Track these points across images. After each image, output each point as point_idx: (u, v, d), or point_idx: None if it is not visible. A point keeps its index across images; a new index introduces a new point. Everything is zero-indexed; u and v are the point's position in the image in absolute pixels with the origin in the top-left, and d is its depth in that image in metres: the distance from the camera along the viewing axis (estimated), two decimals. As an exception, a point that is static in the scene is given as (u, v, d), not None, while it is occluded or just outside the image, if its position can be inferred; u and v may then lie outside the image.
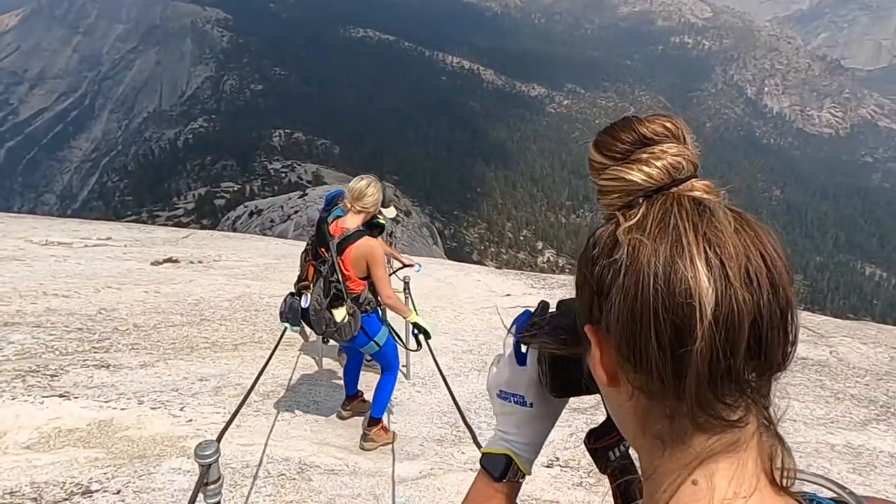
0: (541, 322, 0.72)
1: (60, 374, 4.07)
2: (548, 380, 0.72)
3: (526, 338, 0.73)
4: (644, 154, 0.55)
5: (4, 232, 11.51)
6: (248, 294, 7.79)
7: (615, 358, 0.52)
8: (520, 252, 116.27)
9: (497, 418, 0.80)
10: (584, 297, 0.56)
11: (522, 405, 0.76)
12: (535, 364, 0.74)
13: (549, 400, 0.75)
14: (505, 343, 0.77)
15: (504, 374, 0.77)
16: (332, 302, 3.47)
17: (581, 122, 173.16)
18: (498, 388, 0.78)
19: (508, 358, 0.77)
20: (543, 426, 0.78)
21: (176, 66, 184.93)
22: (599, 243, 0.54)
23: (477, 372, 5.44)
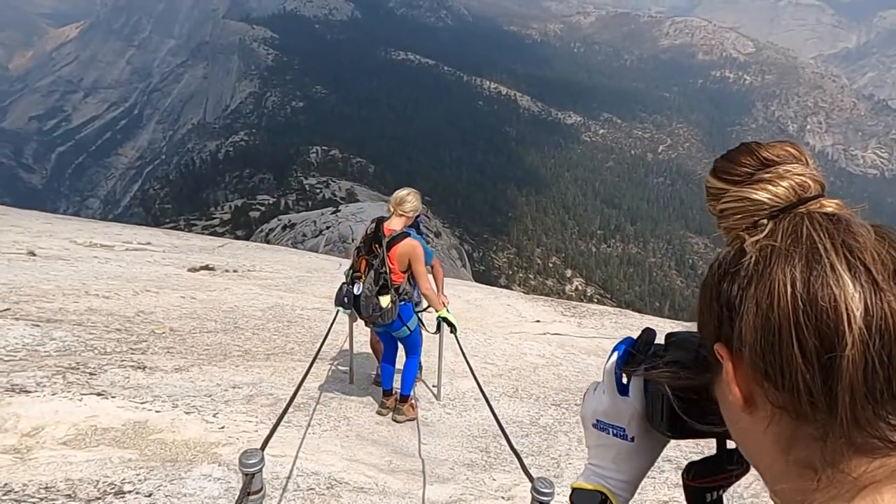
0: (651, 353, 0.68)
1: (99, 372, 4.13)
2: (663, 418, 0.66)
3: (629, 368, 0.70)
4: (767, 174, 0.52)
5: (51, 232, 11.91)
6: (281, 305, 7.85)
7: (751, 376, 0.48)
8: (548, 279, 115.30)
9: (591, 451, 0.76)
10: (711, 317, 0.52)
11: (623, 438, 0.71)
12: (639, 396, 0.70)
13: (653, 435, 0.71)
14: (605, 370, 0.73)
15: (603, 403, 0.73)
16: (380, 290, 4.15)
17: (616, 152, 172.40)
18: (595, 417, 0.74)
19: (608, 387, 0.72)
20: (643, 463, 0.73)
21: (222, 81, 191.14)
22: (725, 262, 0.51)
23: (508, 397, 5.34)
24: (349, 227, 50.03)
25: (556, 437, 4.49)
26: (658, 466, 3.95)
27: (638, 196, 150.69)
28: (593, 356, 7.62)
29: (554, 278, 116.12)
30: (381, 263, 4.15)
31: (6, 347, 4.50)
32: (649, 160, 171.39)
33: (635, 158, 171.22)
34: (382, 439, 4.05)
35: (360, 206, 59.76)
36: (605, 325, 10.36)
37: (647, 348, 0.69)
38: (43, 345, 4.70)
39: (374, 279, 4.13)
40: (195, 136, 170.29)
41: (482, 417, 4.74)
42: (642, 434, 0.70)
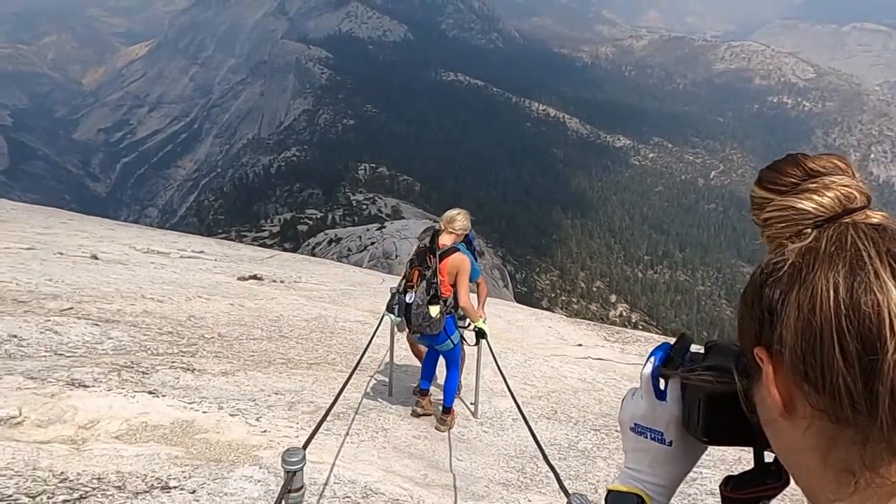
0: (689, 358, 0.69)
1: (151, 372, 4.30)
2: (700, 423, 0.66)
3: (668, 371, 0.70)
4: (813, 185, 0.53)
5: (113, 238, 12.52)
6: (325, 316, 8.00)
7: (791, 379, 0.48)
8: (591, 303, 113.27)
9: (627, 455, 0.75)
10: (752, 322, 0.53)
11: (661, 443, 0.71)
12: (676, 400, 0.70)
13: (690, 440, 0.71)
14: (642, 375, 0.74)
15: (641, 407, 0.73)
16: (430, 300, 4.39)
17: (666, 177, 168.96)
18: (633, 421, 0.74)
19: (646, 391, 0.73)
20: (681, 468, 0.73)
21: (277, 99, 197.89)
22: (768, 268, 0.52)
23: (546, 419, 5.27)
24: (393, 243, 50.60)
25: (594, 462, 4.40)
26: (702, 499, 3.82)
27: (687, 222, 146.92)
28: (636, 382, 7.43)
29: (597, 303, 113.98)
30: (434, 274, 4.41)
31: (68, 344, 4.75)
32: (700, 186, 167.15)
33: (686, 184, 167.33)
34: (419, 453, 4.06)
35: (405, 224, 60.40)
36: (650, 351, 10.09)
37: (684, 353, 0.70)
38: (101, 343, 4.94)
39: (426, 289, 4.37)
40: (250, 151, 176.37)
41: (519, 438, 4.69)
42: (680, 438, 0.70)
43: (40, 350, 4.47)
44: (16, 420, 3.20)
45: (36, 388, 3.57)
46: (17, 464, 2.84)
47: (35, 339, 4.66)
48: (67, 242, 10.41)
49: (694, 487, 3.99)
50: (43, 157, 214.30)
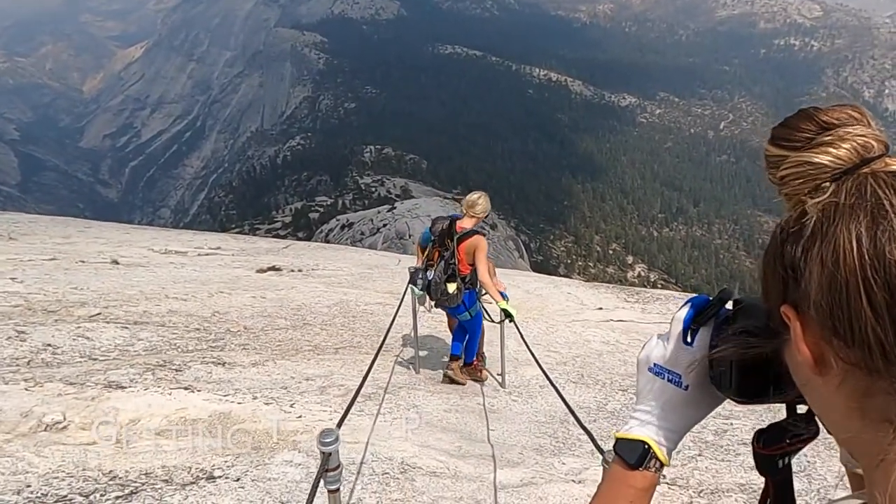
0: (723, 315, 0.69)
1: (184, 368, 4.41)
2: (733, 384, 0.65)
3: (702, 319, 0.70)
4: (828, 137, 0.51)
5: (130, 242, 12.68)
6: (346, 301, 8.09)
7: (819, 335, 0.48)
8: (608, 266, 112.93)
9: (640, 396, 0.75)
10: (776, 281, 0.53)
11: (677, 385, 0.71)
12: (702, 348, 0.69)
13: (708, 390, 0.70)
14: (674, 318, 0.72)
15: (664, 349, 0.72)
16: (448, 278, 4.91)
17: (675, 132, 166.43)
18: (653, 361, 0.73)
19: (674, 334, 0.72)
20: (693, 414, 0.73)
21: (276, 88, 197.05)
22: (787, 225, 0.51)
23: (573, 384, 5.32)
24: (405, 223, 50.66)
25: (625, 422, 4.45)
26: (734, 450, 3.86)
27: (700, 176, 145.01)
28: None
29: (615, 265, 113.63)
30: (451, 255, 4.92)
31: (100, 348, 4.87)
32: (710, 138, 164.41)
33: (695, 137, 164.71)
34: (451, 426, 4.14)
35: (415, 203, 60.38)
36: (671, 309, 10.07)
37: (719, 307, 0.70)
38: (132, 345, 5.06)
39: (444, 268, 4.91)
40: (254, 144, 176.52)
41: (548, 404, 4.76)
42: (697, 385, 0.70)
43: (75, 356, 4.60)
44: (61, 424, 3.32)
45: (76, 392, 3.69)
46: (67, 466, 2.95)
47: (69, 346, 4.79)
48: (87, 250, 10.58)
49: (725, 439, 4.03)
50: (53, 167, 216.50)
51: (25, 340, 4.74)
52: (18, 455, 2.98)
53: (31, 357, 4.43)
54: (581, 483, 3.29)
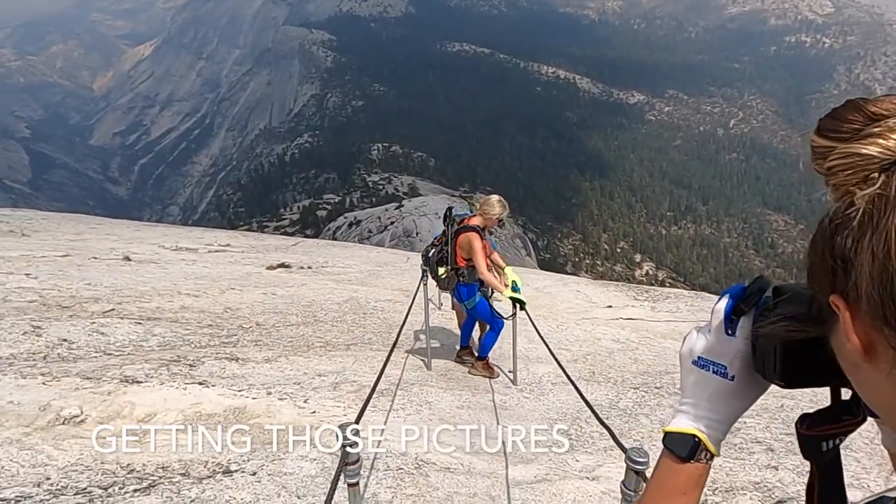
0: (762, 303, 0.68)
1: (198, 364, 4.44)
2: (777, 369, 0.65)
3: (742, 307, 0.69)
4: (877, 129, 0.50)
5: (141, 239, 12.77)
6: (356, 298, 8.11)
7: (869, 324, 0.48)
8: (616, 264, 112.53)
9: (686, 390, 0.75)
10: (825, 271, 0.52)
11: (723, 377, 0.71)
12: (746, 337, 0.69)
13: (754, 378, 0.70)
14: (714, 310, 0.72)
15: (707, 340, 0.72)
16: (438, 261, 5.41)
17: (683, 130, 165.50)
18: (697, 354, 0.73)
19: (716, 326, 0.71)
20: (740, 404, 0.73)
21: (285, 86, 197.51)
22: (837, 216, 0.51)
23: (585, 381, 5.31)
24: (413, 221, 50.67)
25: (637, 420, 4.44)
26: (748, 448, 3.84)
27: (709, 174, 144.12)
28: (670, 340, 7.43)
29: (623, 263, 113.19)
30: (446, 244, 5.34)
31: (115, 343, 4.91)
32: (720, 136, 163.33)
33: (704, 135, 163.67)
34: (464, 423, 4.14)
35: (422, 200, 60.39)
36: (681, 308, 10.05)
37: (760, 295, 0.69)
38: (146, 340, 5.10)
39: (438, 252, 5.46)
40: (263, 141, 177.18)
41: (560, 401, 4.75)
42: (743, 375, 0.70)
43: (90, 351, 4.64)
44: (79, 418, 3.35)
45: (93, 387, 3.73)
46: (85, 459, 2.98)
47: (84, 342, 4.83)
48: (99, 247, 10.66)
49: (738, 437, 4.01)
50: (63, 165, 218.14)
51: (41, 336, 4.79)
52: (38, 448, 3.02)
53: (47, 352, 4.48)
54: (595, 480, 3.29)
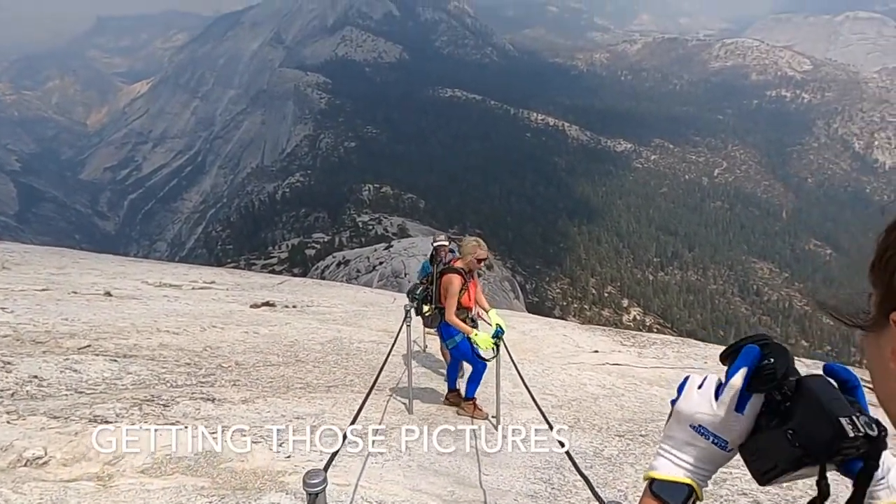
0: (783, 392, 0.64)
1: (172, 404, 4.31)
2: (768, 478, 0.64)
3: (758, 387, 0.66)
4: None
5: (125, 274, 12.62)
6: (340, 338, 8.00)
7: None
8: (604, 309, 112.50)
9: (674, 441, 0.74)
10: (888, 290, 0.53)
11: (721, 448, 0.70)
12: (753, 416, 0.67)
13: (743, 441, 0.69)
14: (729, 385, 0.69)
15: (714, 413, 0.70)
16: (423, 299, 5.60)
17: (670, 178, 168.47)
18: (699, 422, 0.71)
19: (728, 402, 0.68)
20: (721, 464, 0.73)
21: (278, 126, 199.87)
22: None
23: (569, 428, 5.21)
24: (402, 262, 50.63)
25: (621, 469, 4.35)
26: (733, 500, 3.76)
27: (695, 221, 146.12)
28: (656, 386, 7.36)
29: (610, 308, 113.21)
30: (431, 283, 5.53)
31: (88, 381, 4.77)
32: (705, 184, 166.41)
33: (690, 183, 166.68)
34: (444, 469, 4.03)
35: (411, 241, 60.49)
36: (668, 354, 10.02)
37: (781, 385, 0.66)
38: (120, 378, 4.96)
39: (423, 290, 5.66)
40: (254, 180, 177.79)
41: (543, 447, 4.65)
42: (738, 444, 0.69)
43: (61, 389, 4.50)
44: (42, 460, 3.21)
45: (59, 427, 3.59)
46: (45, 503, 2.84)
47: (55, 379, 4.69)
48: (81, 281, 10.50)
49: (724, 489, 3.93)
50: (51, 198, 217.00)
51: (11, 372, 4.65)
52: (-5, 491, 2.88)
53: (15, 389, 4.33)
54: (577, 532, 3.18)
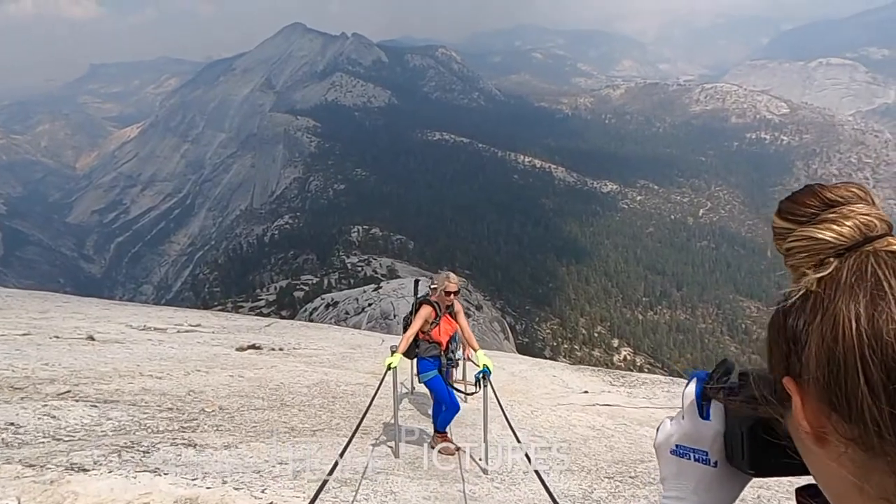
0: (728, 384, 0.67)
1: (152, 451, 4.22)
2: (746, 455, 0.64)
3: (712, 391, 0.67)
4: (832, 214, 0.53)
5: (109, 317, 12.46)
6: (326, 381, 7.91)
7: (819, 408, 0.48)
8: (594, 349, 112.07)
9: (667, 482, 0.71)
10: (779, 352, 0.53)
11: (705, 463, 0.68)
12: (721, 420, 0.67)
13: None
14: (684, 394, 0.70)
15: (683, 426, 0.70)
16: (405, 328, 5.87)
17: (656, 218, 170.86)
18: (674, 443, 0.70)
19: (689, 410, 0.69)
20: (728, 493, 0.68)
21: (268, 169, 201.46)
22: (791, 297, 0.52)
23: (558, 470, 5.15)
24: (391, 303, 50.38)
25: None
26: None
27: (682, 261, 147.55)
28: (646, 427, 7.31)
29: (600, 348, 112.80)
30: (411, 314, 5.95)
31: (66, 428, 4.66)
32: (691, 224, 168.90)
33: (676, 223, 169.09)
34: (430, 515, 3.95)
35: (401, 282, 60.36)
36: (657, 394, 9.97)
37: (726, 377, 0.68)
38: (100, 424, 4.86)
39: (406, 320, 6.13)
40: (243, 222, 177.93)
41: (532, 492, 4.58)
42: (726, 460, 0.68)
43: (38, 436, 4.39)
44: (14, 510, 3.12)
45: (35, 475, 3.50)
46: (16, 557, 2.75)
47: (33, 426, 4.58)
48: (63, 325, 10.35)
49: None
50: (37, 242, 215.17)
51: (-13, 419, 4.54)
52: (-36, 544, 2.79)
53: (-9, 437, 4.23)
54: (565, 578, 3.11)
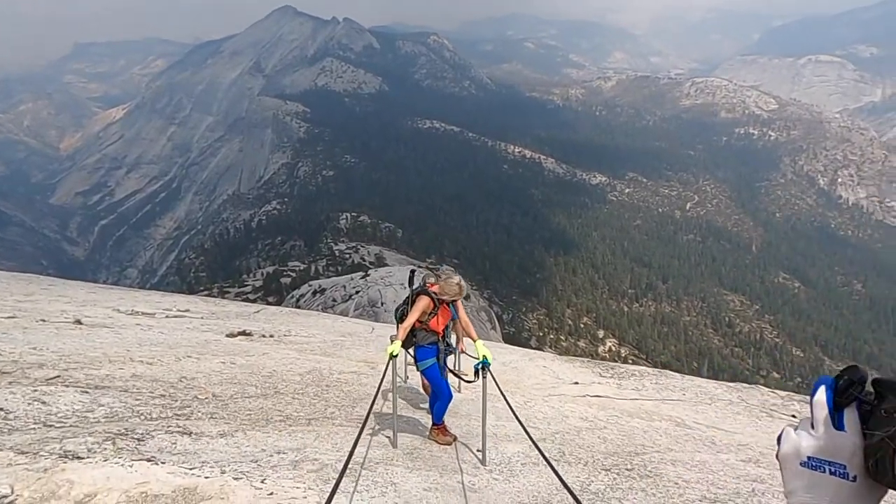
0: (863, 394, 0.61)
1: (147, 438, 4.14)
2: (893, 473, 0.58)
3: (846, 400, 0.62)
4: None
5: (96, 301, 12.27)
6: (319, 369, 7.85)
7: None
8: (580, 340, 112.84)
9: (795, 496, 0.65)
10: None
11: (843, 477, 0.61)
12: (857, 432, 0.61)
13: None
14: (814, 403, 0.64)
15: (816, 438, 0.63)
16: (400, 319, 6.15)
17: (643, 211, 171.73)
18: (806, 454, 0.64)
19: (822, 420, 0.63)
20: (862, 499, 0.62)
21: (256, 154, 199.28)
22: None
23: (555, 462, 5.15)
24: (378, 290, 50.28)
25: (609, 505, 4.29)
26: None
27: (668, 254, 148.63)
28: (637, 419, 7.34)
29: (586, 339, 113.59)
30: (406, 304, 6.03)
31: (57, 414, 4.57)
32: (678, 217, 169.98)
33: (663, 216, 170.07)
34: (430, 506, 3.92)
35: (388, 270, 60.24)
36: (646, 385, 10.04)
37: (860, 387, 0.62)
38: (92, 411, 4.77)
39: (401, 311, 6.20)
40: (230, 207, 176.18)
41: (530, 483, 4.57)
42: (865, 473, 0.62)
43: (29, 422, 4.30)
44: (8, 499, 3.04)
45: (27, 463, 3.42)
46: (11, 547, 2.68)
47: (22, 412, 4.48)
48: (49, 308, 10.17)
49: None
50: (19, 223, 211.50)
51: (-24, 404, 4.43)
52: (-43, 533, 2.71)
53: (-20, 422, 4.13)
54: (569, 571, 3.11)
